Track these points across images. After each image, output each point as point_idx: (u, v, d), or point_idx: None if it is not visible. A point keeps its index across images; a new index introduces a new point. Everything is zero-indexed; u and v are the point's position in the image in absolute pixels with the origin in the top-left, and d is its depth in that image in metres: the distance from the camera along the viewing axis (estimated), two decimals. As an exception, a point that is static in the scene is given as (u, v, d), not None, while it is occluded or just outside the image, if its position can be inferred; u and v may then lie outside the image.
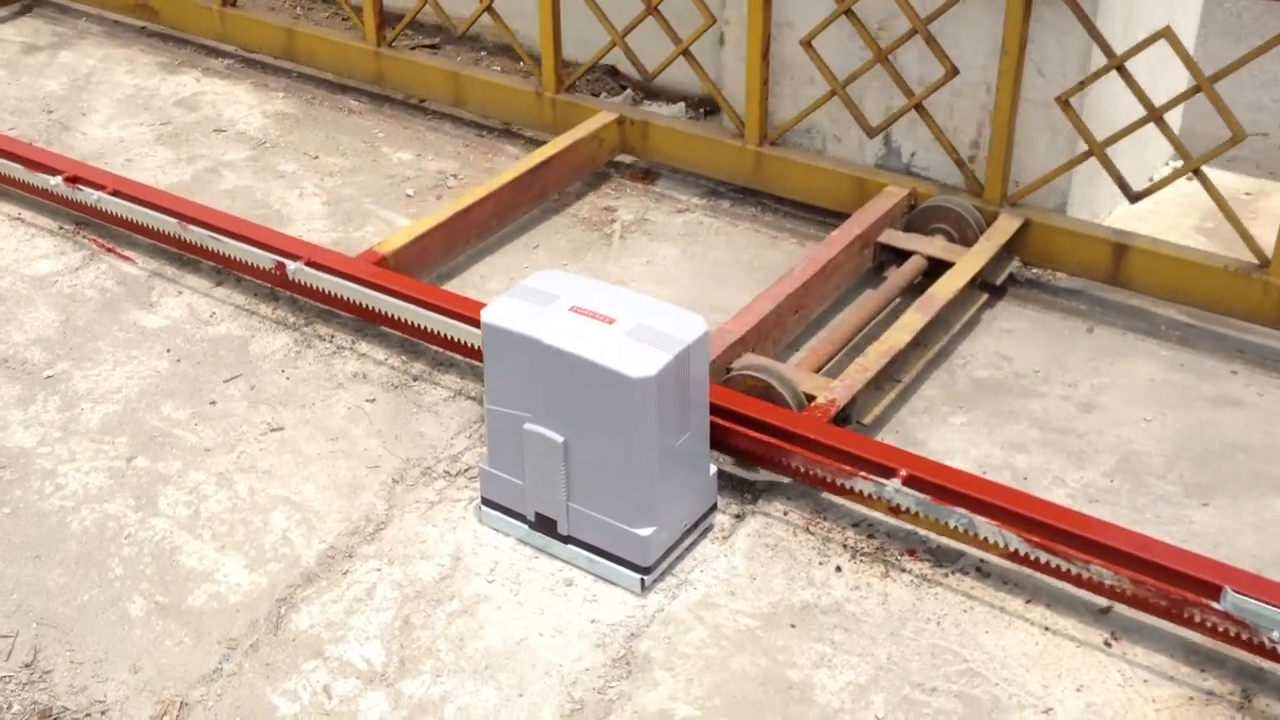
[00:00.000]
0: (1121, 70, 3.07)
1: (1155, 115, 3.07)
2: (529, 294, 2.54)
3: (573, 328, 2.44)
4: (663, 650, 2.40)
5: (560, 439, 2.47)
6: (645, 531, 2.47)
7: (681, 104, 4.25)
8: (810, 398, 2.77)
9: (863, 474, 2.55)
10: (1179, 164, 3.86)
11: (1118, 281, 3.25)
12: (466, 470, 2.82)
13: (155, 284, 3.46)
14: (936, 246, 3.29)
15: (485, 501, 2.67)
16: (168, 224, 3.40)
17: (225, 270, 3.45)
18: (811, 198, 3.63)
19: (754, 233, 3.64)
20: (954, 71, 3.29)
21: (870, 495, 2.56)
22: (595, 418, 2.42)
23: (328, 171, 3.98)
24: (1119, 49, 3.09)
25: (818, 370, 2.91)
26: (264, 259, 3.23)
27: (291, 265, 3.16)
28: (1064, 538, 2.40)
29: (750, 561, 2.58)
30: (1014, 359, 3.13)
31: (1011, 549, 2.44)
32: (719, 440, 2.67)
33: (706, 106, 4.22)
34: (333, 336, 3.24)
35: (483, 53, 4.70)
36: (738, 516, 2.69)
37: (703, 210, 3.75)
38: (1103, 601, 2.44)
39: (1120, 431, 2.89)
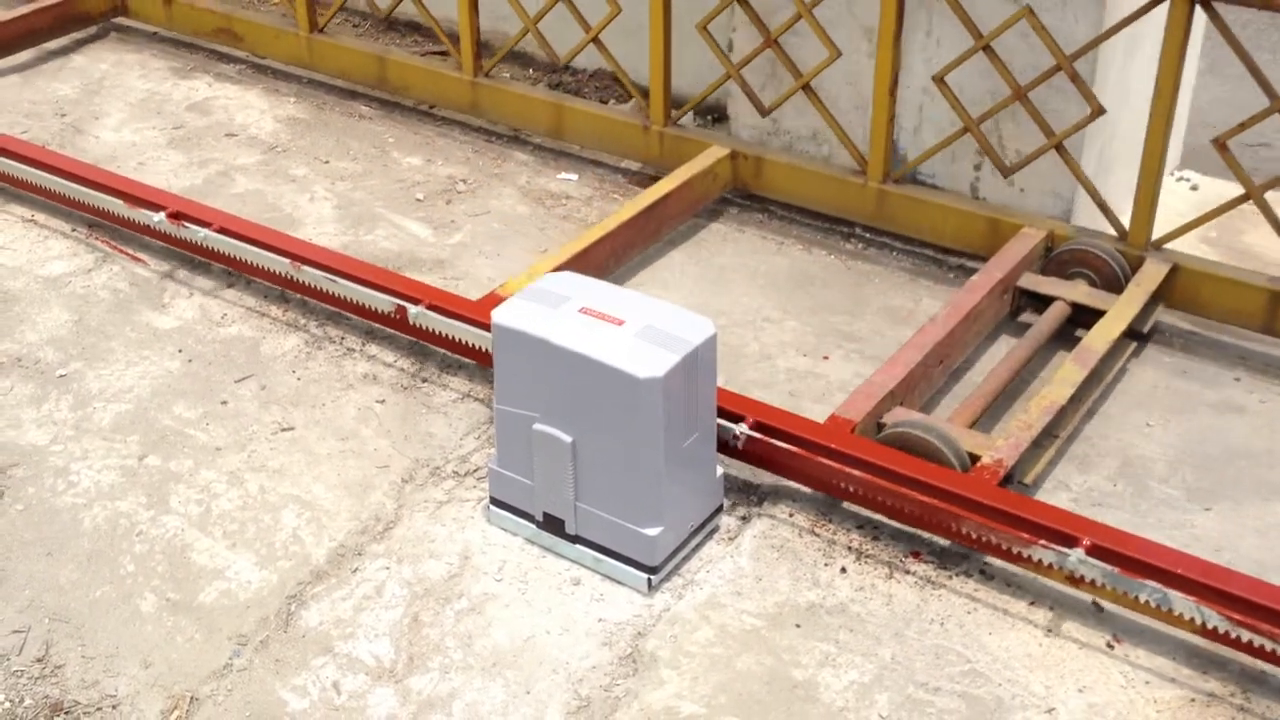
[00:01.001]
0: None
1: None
2: (539, 295, 2.57)
3: (582, 329, 2.47)
4: (669, 649, 2.43)
5: (569, 439, 2.49)
6: (652, 531, 2.49)
7: (690, 114, 4.27)
8: (974, 457, 2.64)
9: (1042, 543, 2.42)
10: (1183, 174, 3.91)
11: (1273, 331, 3.11)
12: (475, 470, 2.84)
13: (167, 285, 3.49)
14: (1080, 292, 3.16)
15: (494, 501, 2.69)
16: (279, 264, 3.27)
17: (236, 272, 3.48)
18: (940, 238, 3.50)
19: (760, 239, 3.67)
20: (1100, 111, 3.17)
21: (1050, 565, 2.42)
22: (604, 418, 2.44)
23: (338, 176, 4.01)
24: (1122, 70, 3.11)
25: (971, 425, 2.78)
26: (384, 302, 3.12)
27: (413, 309, 3.06)
28: (1270, 615, 2.25)
29: (756, 562, 2.61)
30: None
31: (1210, 626, 2.31)
32: (872, 500, 2.58)
33: (715, 114, 4.25)
34: (343, 338, 3.27)
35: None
36: (744, 518, 2.71)
37: (709, 216, 3.77)
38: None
39: (1123, 436, 2.92)
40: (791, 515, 2.71)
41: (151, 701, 2.37)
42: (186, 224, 3.42)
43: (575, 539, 2.59)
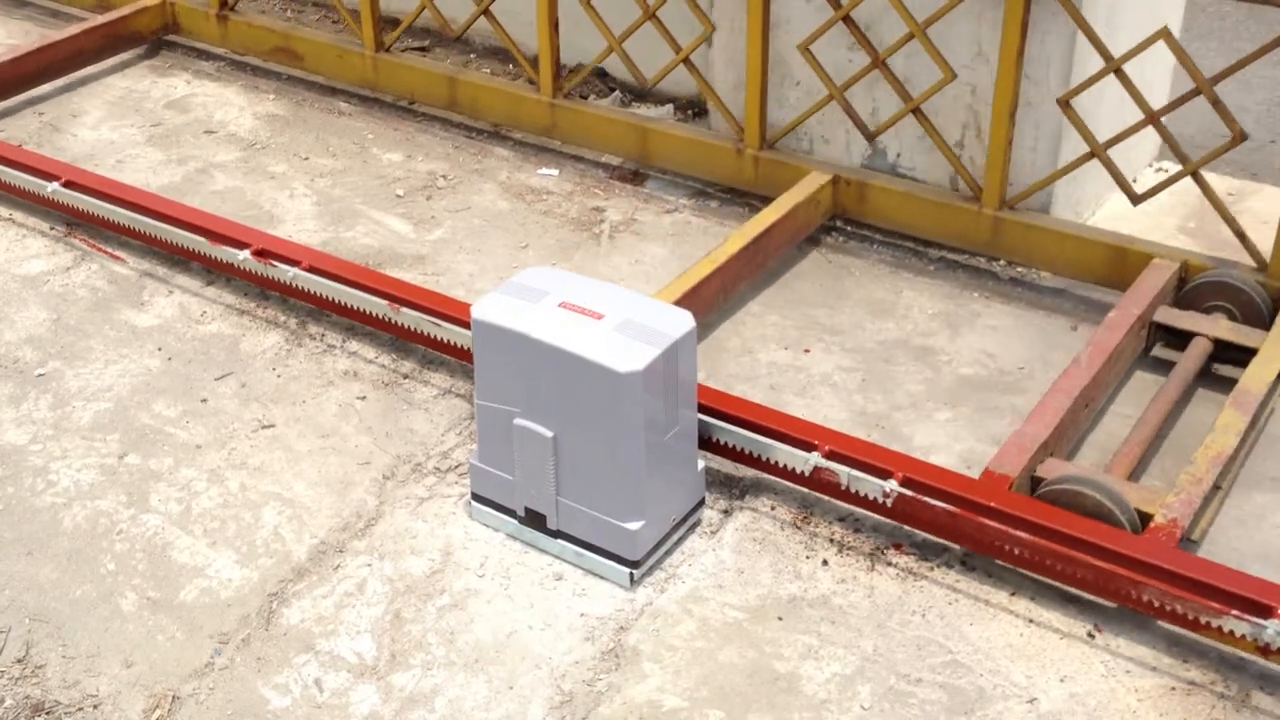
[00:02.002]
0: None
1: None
2: (518, 290, 2.57)
3: (562, 323, 2.47)
4: (651, 643, 2.43)
5: (550, 434, 2.49)
6: (634, 526, 2.49)
7: (670, 106, 4.28)
8: (1145, 515, 2.48)
9: (1235, 613, 2.27)
10: (1163, 165, 3.92)
11: None
12: (456, 466, 2.84)
13: (146, 283, 3.47)
14: (1222, 328, 3.02)
15: (475, 497, 2.69)
16: (376, 305, 3.12)
17: (215, 271, 3.46)
18: (1058, 268, 3.35)
19: (742, 233, 3.66)
20: (1242, 136, 3.05)
21: (1241, 635, 2.27)
22: (584, 413, 2.44)
23: (318, 172, 4.00)
24: (1083, 51, 3.12)
25: (1129, 477, 2.64)
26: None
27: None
28: None
29: (738, 555, 2.61)
30: (998, 356, 3.16)
31: None
32: (1037, 562, 2.44)
33: (694, 108, 4.25)
34: (323, 335, 3.26)
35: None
36: (725, 512, 2.72)
37: (690, 211, 3.77)
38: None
39: (1106, 427, 2.92)
40: (773, 508, 2.71)
41: (133, 701, 2.37)
42: (274, 262, 3.25)
43: (557, 534, 2.59)
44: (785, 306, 3.35)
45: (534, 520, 2.61)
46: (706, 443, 2.70)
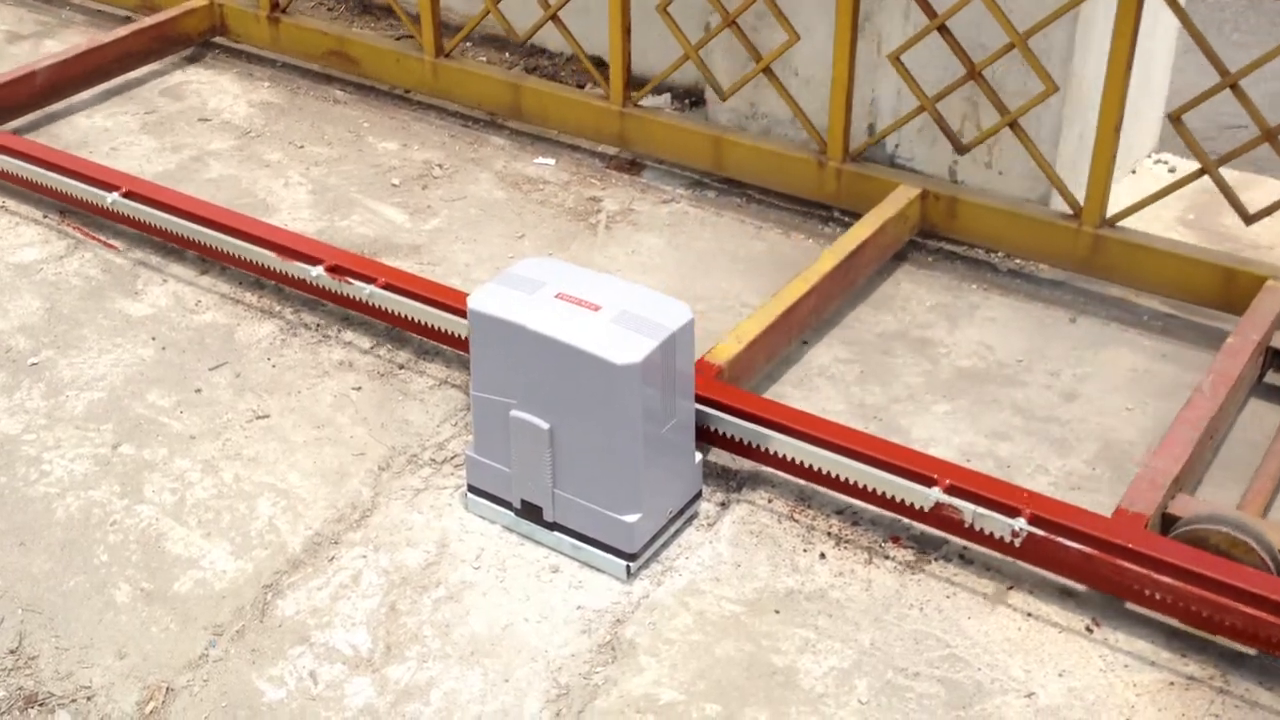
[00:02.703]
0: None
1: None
2: (515, 281, 2.55)
3: (558, 314, 2.45)
4: (648, 636, 2.42)
5: (546, 426, 2.48)
6: (631, 518, 2.48)
7: (668, 95, 4.25)
8: None
9: None
10: (1163, 157, 3.91)
11: None
12: (453, 458, 2.82)
13: (140, 272, 3.45)
14: None
15: (471, 489, 2.67)
16: (460, 325, 2.94)
17: (210, 259, 3.44)
18: (1161, 290, 3.23)
19: (739, 223, 3.65)
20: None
21: None
22: (581, 404, 2.43)
23: (313, 161, 3.98)
24: (1104, 45, 3.10)
25: (1264, 514, 2.55)
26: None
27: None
28: None
29: (735, 548, 2.60)
30: (996, 348, 3.15)
31: None
32: (1179, 608, 2.34)
33: (692, 98, 4.23)
34: (319, 325, 3.24)
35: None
36: (723, 504, 2.70)
37: (688, 201, 3.76)
38: None
39: (1102, 420, 2.91)
40: (770, 501, 2.70)
41: (127, 692, 2.35)
42: (349, 280, 3.12)
43: (553, 526, 2.58)
44: (783, 298, 3.33)
45: (530, 512, 2.59)
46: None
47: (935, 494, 2.48)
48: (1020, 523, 2.41)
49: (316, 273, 3.15)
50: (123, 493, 2.76)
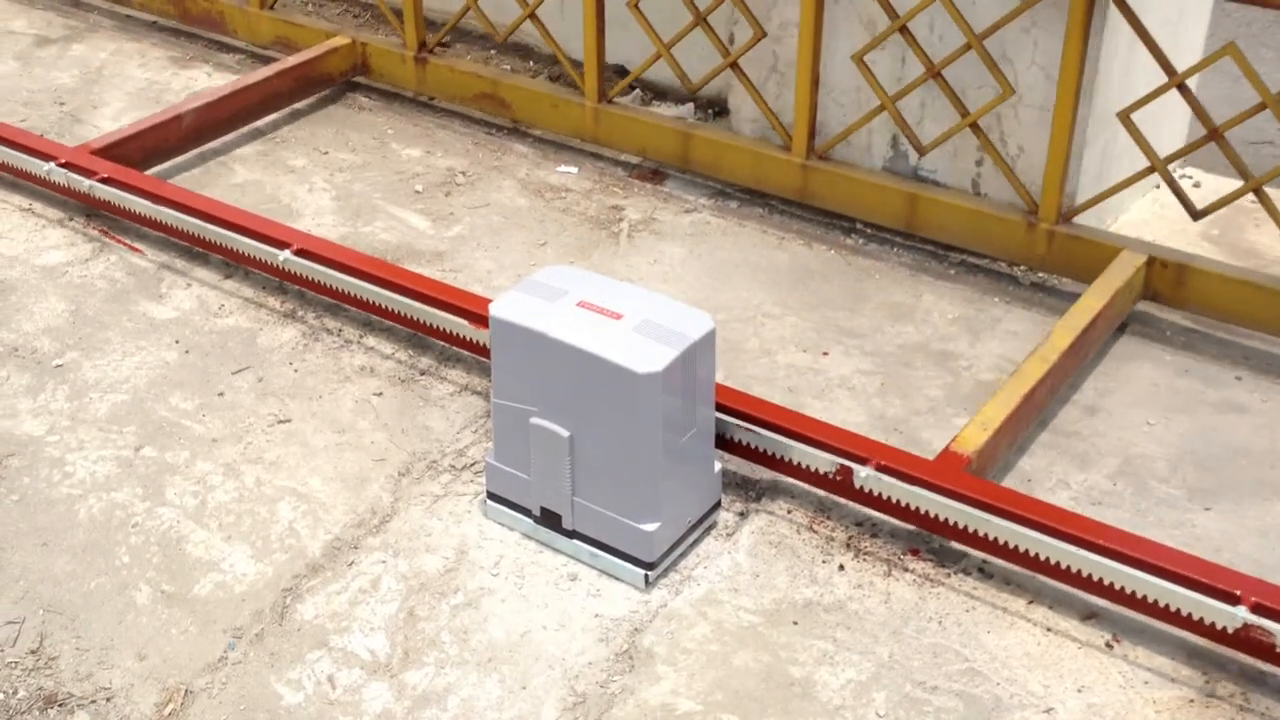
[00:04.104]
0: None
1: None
2: (537, 289, 2.56)
3: (580, 323, 2.45)
4: (666, 645, 2.41)
5: (566, 434, 2.48)
6: (650, 527, 2.48)
7: (690, 105, 4.26)
8: None
9: None
10: (1186, 171, 3.89)
11: None
12: (472, 464, 2.83)
13: (164, 276, 3.47)
14: None
15: (491, 495, 2.68)
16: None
17: (234, 263, 3.46)
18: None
19: (760, 234, 3.65)
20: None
21: None
22: (601, 413, 2.43)
23: (337, 167, 4.00)
24: (1128, 59, 3.09)
25: None
26: (823, 461, 2.64)
27: (862, 471, 2.57)
28: None
29: (754, 559, 2.59)
30: (1019, 361, 3.13)
31: None
32: None
33: (715, 107, 4.23)
34: (340, 330, 3.25)
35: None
36: (742, 514, 2.70)
37: (710, 210, 3.76)
38: None
39: (1124, 435, 2.90)
40: (790, 512, 2.70)
41: (146, 694, 2.36)
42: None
43: (572, 534, 2.58)
44: (804, 309, 3.33)
45: (549, 520, 2.60)
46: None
47: (1241, 614, 2.27)
48: (1241, 611, 2.26)
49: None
50: (144, 495, 2.77)
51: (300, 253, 3.25)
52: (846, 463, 2.61)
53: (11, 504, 2.75)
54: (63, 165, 3.62)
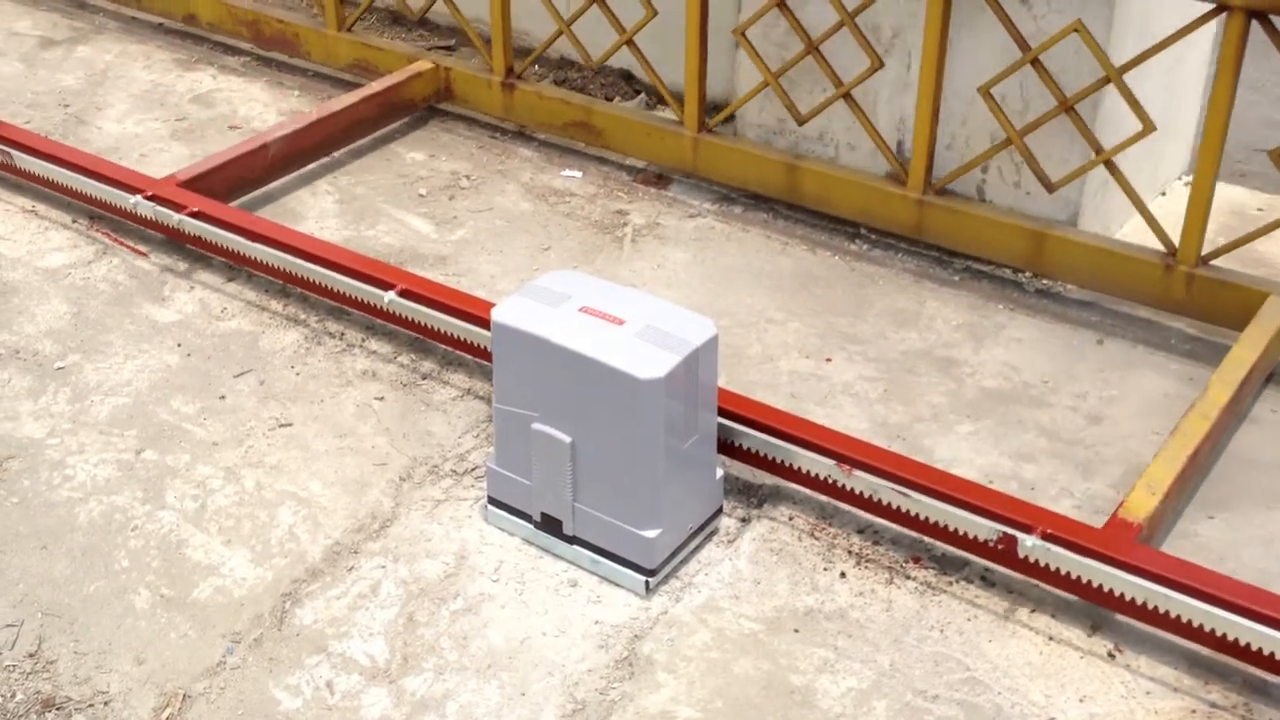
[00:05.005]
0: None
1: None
2: (539, 294, 2.55)
3: (582, 328, 2.45)
4: (666, 652, 2.40)
5: (568, 439, 2.47)
6: (651, 533, 2.47)
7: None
8: None
9: None
10: (1191, 180, 3.87)
11: None
12: (473, 469, 2.82)
13: (167, 278, 3.47)
14: None
15: (491, 501, 2.67)
16: (821, 465, 2.62)
17: (237, 266, 3.45)
18: None
19: (765, 239, 3.64)
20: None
21: None
22: (603, 419, 2.42)
23: (341, 170, 3.99)
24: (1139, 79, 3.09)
25: None
26: (985, 529, 2.48)
27: (1028, 541, 2.42)
28: None
29: (755, 566, 2.58)
30: (1022, 369, 3.12)
31: None
32: None
33: (715, 110, 4.21)
34: (343, 334, 3.25)
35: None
36: (743, 520, 2.69)
37: (714, 216, 3.75)
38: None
39: (1128, 444, 2.89)
40: (791, 518, 2.69)
41: (144, 699, 2.35)
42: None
43: (573, 540, 2.57)
44: (807, 314, 3.32)
45: (550, 526, 2.59)
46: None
47: None
48: None
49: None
50: (145, 498, 2.77)
51: (405, 294, 3.11)
52: (1010, 531, 2.44)
53: (11, 506, 2.75)
54: (150, 198, 3.47)
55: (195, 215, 3.42)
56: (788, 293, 3.41)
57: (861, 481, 2.58)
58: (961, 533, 2.51)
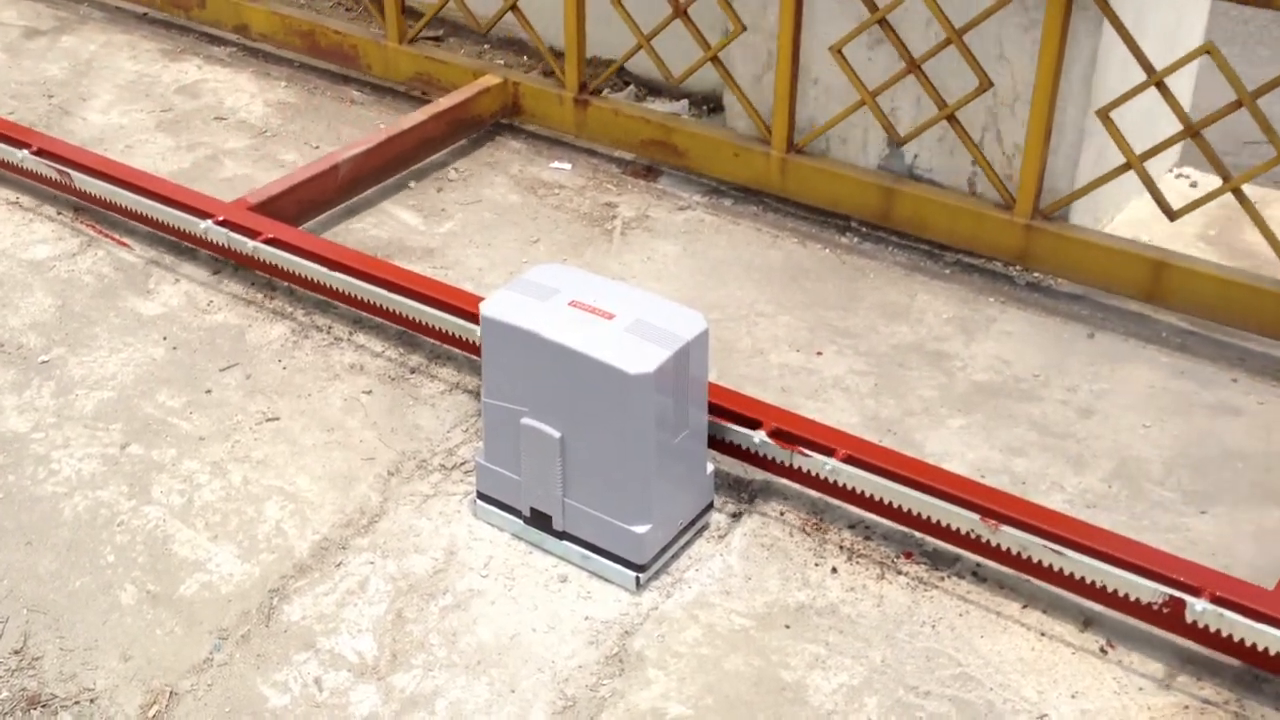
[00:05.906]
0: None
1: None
2: (528, 287, 2.53)
3: (572, 322, 2.43)
4: (656, 649, 2.39)
5: (557, 434, 2.46)
6: (641, 529, 2.46)
7: (685, 101, 4.23)
8: None
9: None
10: (1184, 171, 3.87)
11: None
12: (462, 464, 2.80)
13: (153, 271, 3.44)
14: None
15: (481, 496, 2.65)
16: (964, 520, 2.48)
17: (223, 259, 3.43)
18: None
19: (755, 231, 3.63)
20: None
21: None
22: (593, 413, 2.41)
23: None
24: (1125, 58, 3.08)
25: None
26: (1149, 591, 2.33)
27: (1198, 605, 2.26)
28: None
29: (746, 561, 2.57)
30: (1013, 362, 3.12)
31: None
32: None
33: (710, 104, 4.20)
34: (330, 327, 3.23)
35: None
36: (734, 515, 2.68)
37: (704, 208, 3.73)
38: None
39: (1119, 437, 2.88)
40: (783, 514, 2.67)
41: (130, 695, 2.34)
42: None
43: (563, 535, 2.55)
44: (798, 308, 3.31)
45: (539, 521, 2.57)
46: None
47: None
48: None
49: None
50: (130, 493, 2.74)
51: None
52: (1177, 594, 2.30)
53: (-4, 502, 2.73)
54: (221, 223, 3.31)
55: (270, 242, 3.25)
56: (778, 286, 3.39)
57: (1006, 537, 2.45)
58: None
